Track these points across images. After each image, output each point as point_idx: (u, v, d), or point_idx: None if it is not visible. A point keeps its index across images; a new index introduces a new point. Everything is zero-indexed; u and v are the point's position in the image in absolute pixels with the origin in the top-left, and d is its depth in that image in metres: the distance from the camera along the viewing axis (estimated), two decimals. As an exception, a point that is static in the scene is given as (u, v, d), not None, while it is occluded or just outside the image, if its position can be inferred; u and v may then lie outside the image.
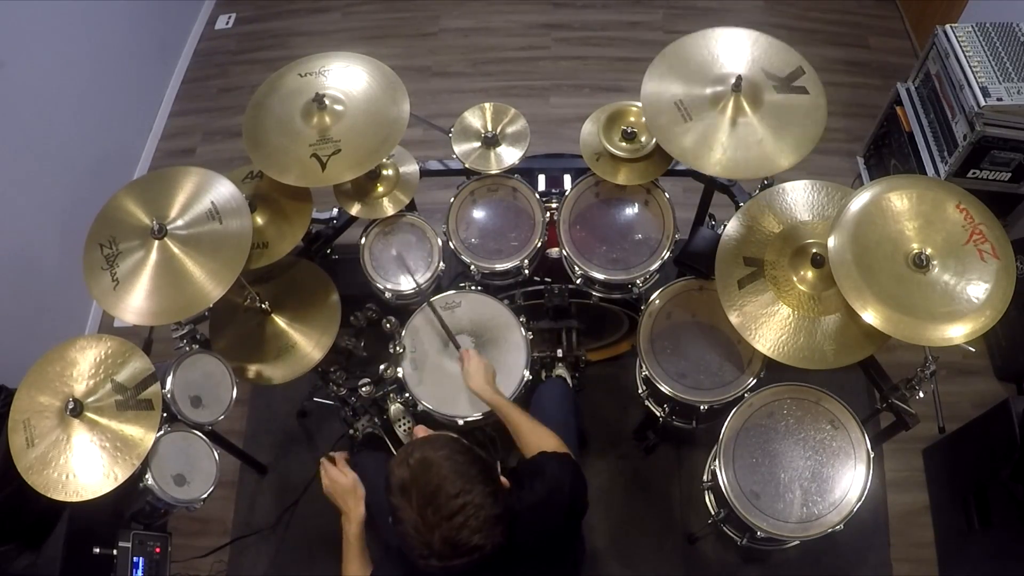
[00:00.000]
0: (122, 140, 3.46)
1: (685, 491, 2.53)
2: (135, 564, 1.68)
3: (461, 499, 1.20)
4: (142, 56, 3.61)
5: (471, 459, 1.27)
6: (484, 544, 1.21)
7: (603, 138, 2.00)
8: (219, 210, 1.78)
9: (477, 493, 1.22)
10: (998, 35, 2.43)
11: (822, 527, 1.75)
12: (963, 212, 1.61)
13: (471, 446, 1.31)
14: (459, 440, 1.30)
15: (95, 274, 1.74)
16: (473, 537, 1.20)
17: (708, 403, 1.95)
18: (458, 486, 1.21)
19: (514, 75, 3.75)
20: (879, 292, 1.57)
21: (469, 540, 1.20)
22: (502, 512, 1.25)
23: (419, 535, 1.21)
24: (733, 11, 3.90)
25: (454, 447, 1.28)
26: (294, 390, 2.56)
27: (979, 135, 2.35)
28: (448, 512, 1.20)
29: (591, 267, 2.05)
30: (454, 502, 1.20)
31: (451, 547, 1.20)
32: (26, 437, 1.60)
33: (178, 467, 1.73)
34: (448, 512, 1.20)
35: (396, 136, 1.91)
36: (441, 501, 1.20)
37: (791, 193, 1.87)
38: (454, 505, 1.20)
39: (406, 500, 1.23)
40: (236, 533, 2.54)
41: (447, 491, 1.21)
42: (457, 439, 1.31)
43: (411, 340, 2.07)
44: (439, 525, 1.20)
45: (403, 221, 2.15)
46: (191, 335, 1.89)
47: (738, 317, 1.76)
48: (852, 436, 1.83)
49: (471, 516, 1.20)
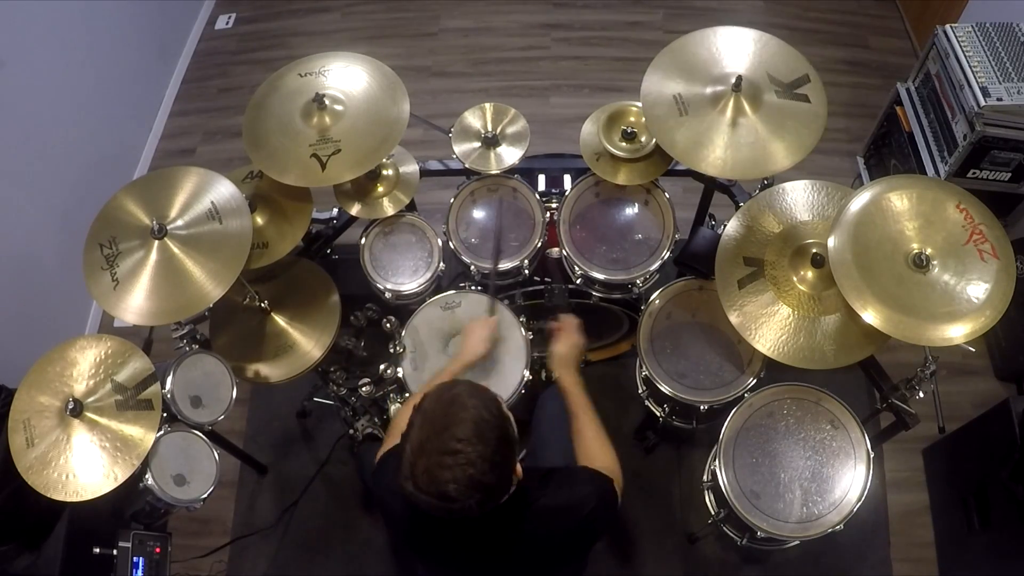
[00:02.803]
0: (122, 140, 3.46)
1: (685, 491, 2.53)
2: (135, 564, 1.68)
3: (461, 446, 1.20)
4: (142, 56, 3.61)
5: (496, 424, 1.26)
6: (455, 499, 1.21)
7: (603, 138, 2.00)
8: (219, 210, 1.79)
9: (478, 453, 1.21)
10: (998, 35, 2.43)
11: (822, 527, 1.75)
12: (963, 212, 1.61)
13: (507, 416, 1.30)
14: (500, 405, 1.29)
15: (95, 274, 1.74)
16: (449, 485, 1.20)
17: (708, 403, 1.95)
18: (466, 435, 1.21)
19: (514, 75, 3.76)
20: (879, 292, 1.57)
21: (444, 486, 1.20)
22: (493, 483, 1.24)
23: (411, 455, 1.22)
24: (733, 11, 3.91)
25: (490, 406, 1.27)
26: (294, 390, 2.56)
27: (979, 135, 2.35)
28: (443, 449, 1.20)
29: (591, 267, 2.05)
30: (453, 444, 1.20)
31: (426, 480, 1.20)
32: (26, 437, 1.60)
33: (178, 467, 1.73)
34: (443, 449, 1.20)
35: (396, 136, 1.91)
36: (445, 438, 1.21)
37: (791, 193, 1.87)
38: (452, 447, 1.20)
39: (420, 419, 1.25)
40: (236, 533, 2.54)
41: (454, 433, 1.21)
42: (501, 404, 1.30)
43: (411, 340, 2.07)
44: (430, 455, 1.20)
45: (403, 221, 2.15)
46: (191, 335, 1.89)
47: (738, 317, 1.76)
48: (852, 436, 1.83)
49: (459, 466, 1.20)
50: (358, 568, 2.49)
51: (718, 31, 1.91)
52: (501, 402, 1.31)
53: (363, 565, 2.49)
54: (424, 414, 1.25)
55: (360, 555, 2.50)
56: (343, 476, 2.62)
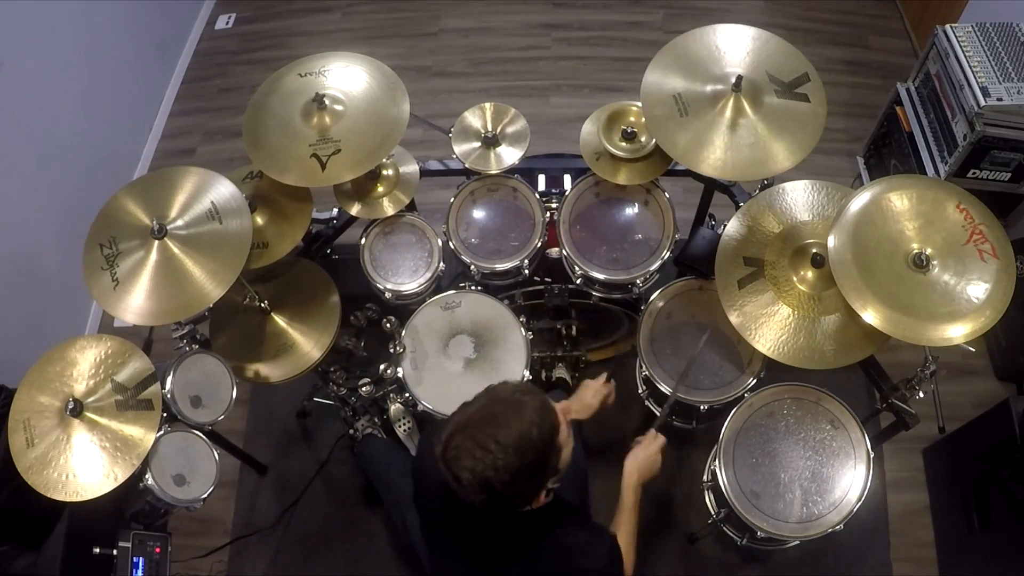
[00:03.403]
0: (122, 140, 3.46)
1: (685, 491, 2.53)
2: (135, 564, 1.68)
3: (494, 444, 1.22)
4: (142, 56, 3.61)
5: (539, 448, 1.27)
6: (466, 485, 1.24)
7: (603, 138, 2.00)
8: (219, 210, 1.79)
9: (506, 463, 1.23)
10: (998, 35, 2.43)
11: (822, 527, 1.76)
12: (963, 212, 1.61)
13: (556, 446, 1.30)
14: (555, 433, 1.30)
15: (95, 274, 1.74)
16: (464, 473, 1.23)
17: (708, 403, 1.95)
18: (506, 439, 1.23)
19: (514, 75, 3.75)
20: (879, 292, 1.57)
21: (460, 471, 1.24)
22: (502, 493, 1.25)
23: (455, 427, 1.26)
24: (733, 11, 3.91)
25: (544, 430, 1.28)
26: (294, 390, 2.56)
27: (979, 135, 2.35)
28: (479, 442, 1.23)
29: (591, 267, 2.05)
30: (489, 440, 1.23)
31: (451, 455, 1.24)
32: (26, 437, 1.60)
33: (178, 467, 1.73)
34: (479, 442, 1.23)
35: (396, 136, 1.91)
36: (488, 432, 1.24)
37: (791, 193, 1.87)
38: (487, 441, 1.23)
39: (484, 399, 1.29)
40: (236, 533, 2.54)
41: (495, 431, 1.24)
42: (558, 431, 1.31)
43: (411, 340, 2.07)
44: (467, 438, 1.24)
45: (403, 221, 2.15)
46: (191, 335, 1.89)
47: (738, 317, 1.76)
48: (852, 436, 1.83)
49: (482, 463, 1.22)
50: (358, 568, 2.49)
51: (718, 28, 1.91)
52: (559, 430, 1.32)
53: (363, 565, 2.49)
54: (489, 398, 1.29)
55: (360, 555, 2.50)
56: (343, 476, 2.62)
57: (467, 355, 2.06)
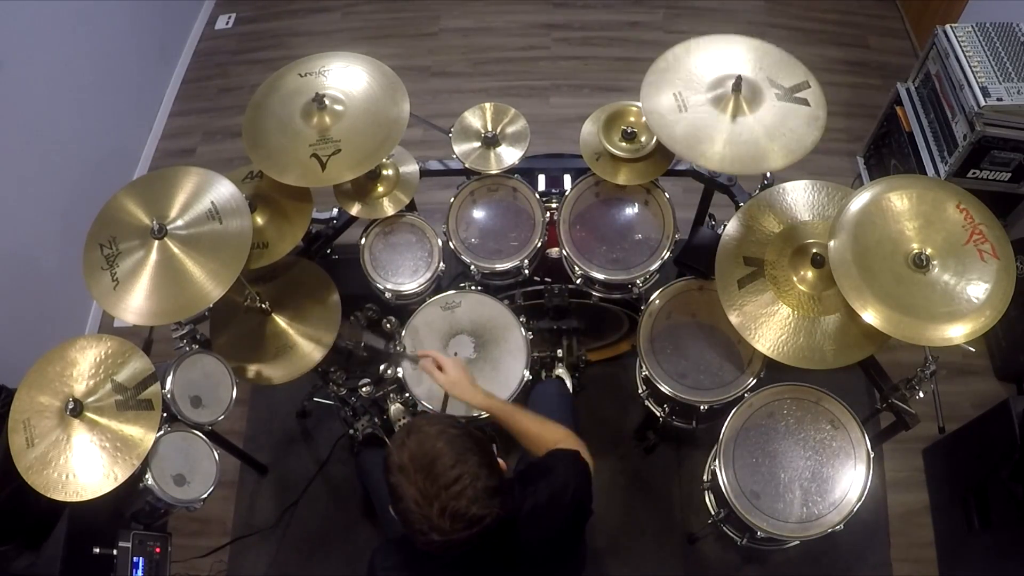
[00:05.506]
0: (122, 140, 3.46)
1: (685, 491, 2.53)
2: (135, 564, 1.68)
3: (457, 469, 1.21)
4: (142, 56, 3.61)
5: (465, 433, 1.27)
6: (483, 515, 1.21)
7: (603, 138, 2.00)
8: (219, 210, 1.78)
9: (473, 463, 1.22)
10: (998, 35, 2.43)
11: (822, 527, 1.76)
12: (963, 212, 1.61)
13: (465, 424, 1.31)
14: (452, 418, 1.32)
15: (95, 274, 1.74)
16: (471, 507, 1.20)
17: (708, 403, 1.95)
18: (454, 457, 1.22)
19: (514, 75, 3.76)
20: (879, 292, 1.57)
21: (468, 510, 1.20)
22: (499, 484, 1.25)
23: (419, 508, 1.21)
24: (733, 11, 3.90)
25: (447, 423, 1.29)
26: (294, 390, 2.56)
27: (979, 135, 2.35)
28: (445, 482, 1.20)
29: (591, 267, 2.05)
30: (451, 472, 1.20)
31: (450, 518, 1.20)
32: (26, 437, 1.60)
33: (178, 467, 1.73)
34: (445, 482, 1.20)
35: (396, 136, 1.91)
36: (438, 471, 1.21)
37: (791, 193, 1.87)
38: (451, 475, 1.20)
39: (404, 476, 1.23)
40: (236, 533, 2.54)
41: (444, 462, 1.21)
42: (450, 417, 1.33)
43: (411, 340, 2.07)
44: (437, 496, 1.20)
45: (403, 221, 2.15)
46: (191, 335, 1.89)
47: (738, 317, 1.77)
48: (852, 436, 1.83)
49: (468, 486, 1.20)
50: (358, 568, 2.47)
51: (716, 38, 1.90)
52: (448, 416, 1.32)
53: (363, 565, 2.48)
54: (403, 470, 1.23)
55: (360, 555, 2.50)
56: (343, 476, 2.62)
57: (467, 355, 2.06)
